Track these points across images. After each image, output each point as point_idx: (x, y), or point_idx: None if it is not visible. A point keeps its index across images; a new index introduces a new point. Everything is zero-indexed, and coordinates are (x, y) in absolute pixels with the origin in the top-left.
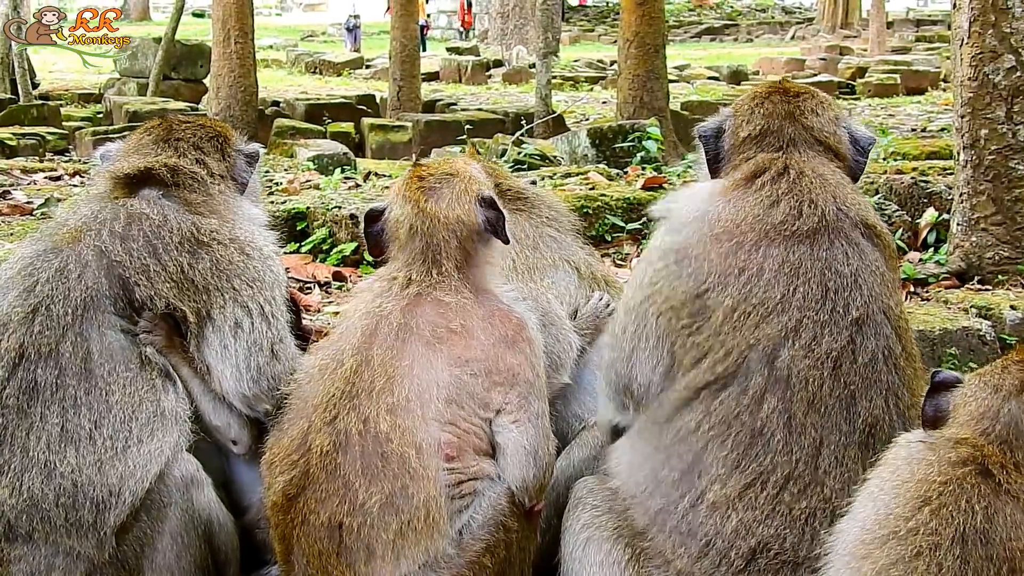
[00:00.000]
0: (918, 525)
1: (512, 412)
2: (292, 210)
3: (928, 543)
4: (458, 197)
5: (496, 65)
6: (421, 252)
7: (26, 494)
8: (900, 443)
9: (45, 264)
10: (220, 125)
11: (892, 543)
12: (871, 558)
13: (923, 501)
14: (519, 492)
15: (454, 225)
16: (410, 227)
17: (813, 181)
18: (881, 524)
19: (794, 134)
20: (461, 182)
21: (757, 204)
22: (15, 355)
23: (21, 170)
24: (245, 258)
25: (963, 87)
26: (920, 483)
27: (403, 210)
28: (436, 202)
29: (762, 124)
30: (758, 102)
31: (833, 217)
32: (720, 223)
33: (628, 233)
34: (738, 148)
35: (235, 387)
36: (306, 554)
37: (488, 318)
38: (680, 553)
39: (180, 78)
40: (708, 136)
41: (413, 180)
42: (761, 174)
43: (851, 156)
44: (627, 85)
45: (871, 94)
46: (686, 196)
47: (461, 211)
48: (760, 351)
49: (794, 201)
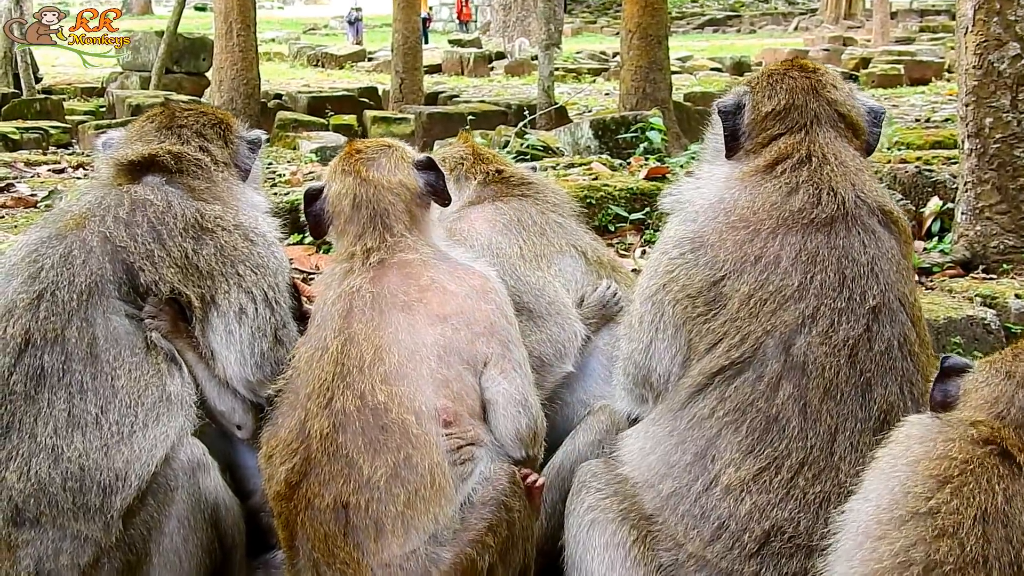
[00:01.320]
0: (939, 504)
1: (498, 362)
2: (295, 201)
3: (950, 523)
4: (396, 163)
5: (498, 57)
6: (370, 220)
7: (34, 478)
8: (911, 422)
9: (50, 250)
10: (222, 113)
11: (911, 523)
12: (888, 539)
13: (943, 480)
14: (514, 446)
15: (397, 188)
16: (354, 197)
17: (835, 169)
18: (898, 504)
19: (818, 109)
20: (396, 151)
21: (775, 191)
22: (21, 341)
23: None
24: (249, 244)
25: (968, 75)
26: (939, 461)
27: (344, 183)
28: (376, 170)
29: (786, 99)
30: (778, 77)
31: (852, 204)
32: (736, 211)
33: (631, 223)
34: (760, 124)
35: (239, 372)
36: (311, 539)
37: (452, 272)
38: (692, 536)
39: (183, 71)
40: (727, 112)
41: (350, 153)
42: (783, 160)
43: (868, 128)
44: (630, 76)
45: (875, 85)
46: (699, 184)
47: (402, 175)
48: (776, 338)
49: (813, 189)
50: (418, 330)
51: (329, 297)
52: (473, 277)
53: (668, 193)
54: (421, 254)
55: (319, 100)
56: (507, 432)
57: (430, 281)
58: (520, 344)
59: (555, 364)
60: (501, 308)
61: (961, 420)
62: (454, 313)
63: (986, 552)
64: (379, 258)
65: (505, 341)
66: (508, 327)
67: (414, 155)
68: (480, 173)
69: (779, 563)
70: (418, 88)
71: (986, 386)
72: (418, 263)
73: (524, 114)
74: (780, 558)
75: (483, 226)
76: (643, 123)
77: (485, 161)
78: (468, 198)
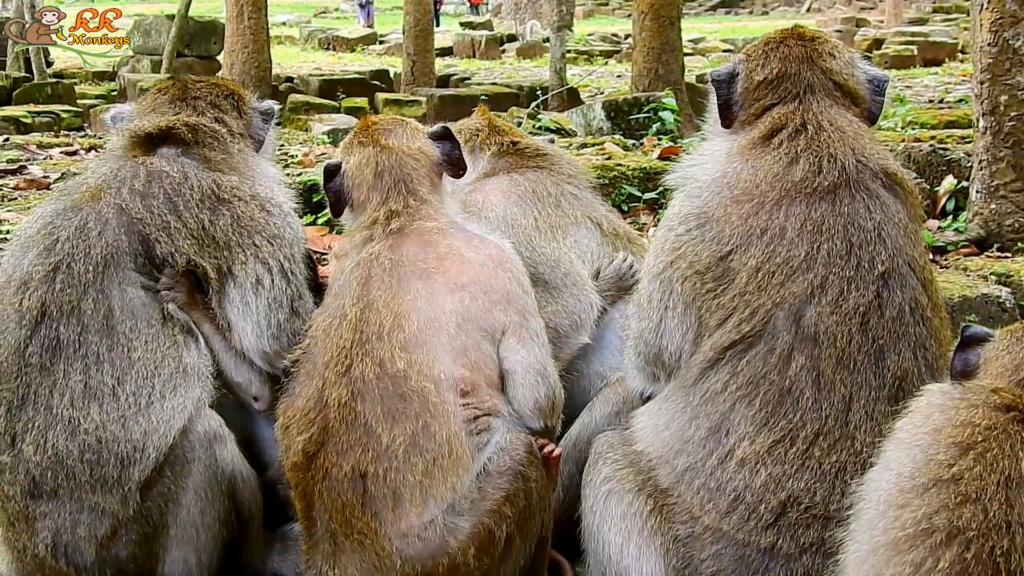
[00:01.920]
0: (961, 471)
1: (516, 331)
2: (308, 182)
3: (973, 488)
4: (413, 133)
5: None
6: (394, 185)
7: (51, 451)
8: (931, 391)
9: (65, 222)
10: (234, 84)
11: (934, 491)
12: (911, 507)
13: (966, 447)
14: (532, 416)
15: (418, 155)
16: (376, 165)
17: (832, 135)
18: (920, 471)
19: (812, 79)
20: (409, 123)
21: (775, 163)
22: (37, 313)
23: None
24: (266, 215)
25: (982, 53)
26: (961, 428)
27: (364, 152)
28: (395, 138)
29: (778, 68)
30: (773, 46)
31: (854, 170)
32: (739, 185)
33: (644, 203)
34: (752, 93)
35: (256, 344)
36: (328, 509)
37: (469, 241)
38: (708, 509)
39: (193, 55)
40: (721, 81)
41: (366, 126)
42: (779, 131)
43: (868, 97)
44: (642, 58)
45: (888, 66)
46: (701, 160)
47: (421, 143)
48: (786, 309)
49: (813, 157)
50: (437, 298)
51: (347, 265)
52: (489, 247)
53: (672, 170)
54: (439, 223)
55: (331, 83)
56: (525, 402)
57: (448, 249)
58: (537, 314)
59: (571, 335)
60: (518, 278)
61: (983, 388)
62: (472, 281)
63: (1009, 517)
64: (400, 224)
65: (522, 310)
66: (525, 296)
67: (426, 128)
68: (495, 144)
69: (796, 533)
70: (429, 71)
71: (1007, 354)
72: (436, 231)
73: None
74: (797, 528)
75: (498, 198)
76: (656, 104)
77: (500, 133)
78: (483, 170)
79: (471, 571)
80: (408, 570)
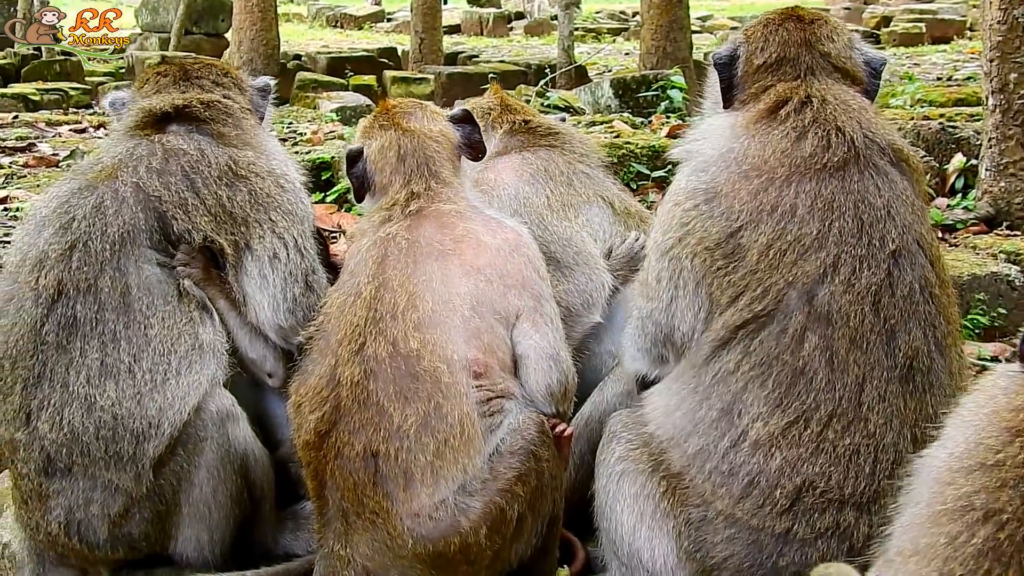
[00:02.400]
0: (1005, 458)
1: (530, 315)
2: (317, 160)
3: (1013, 475)
4: (432, 116)
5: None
6: (416, 167)
7: (66, 428)
8: (999, 372)
9: (81, 201)
10: (226, 64)
11: (977, 473)
12: (955, 484)
13: (1016, 433)
14: (544, 401)
15: (439, 137)
16: (398, 148)
17: (837, 108)
18: (970, 453)
19: (811, 62)
20: (428, 106)
21: (784, 137)
22: (53, 291)
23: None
24: (280, 191)
25: (992, 31)
26: (1015, 413)
27: (386, 136)
28: (416, 121)
29: (778, 52)
30: (772, 29)
31: (862, 145)
32: (748, 160)
33: (653, 181)
34: (752, 76)
35: (272, 317)
36: (340, 488)
37: (486, 225)
38: (721, 494)
39: (201, 32)
40: (723, 63)
41: (385, 110)
42: (783, 104)
43: (866, 79)
44: (650, 35)
45: (896, 43)
46: (706, 135)
47: (442, 126)
48: (799, 288)
49: (821, 131)
50: (452, 279)
51: (364, 244)
52: (507, 231)
53: (676, 144)
54: (458, 205)
55: (338, 61)
56: (538, 387)
57: (465, 232)
58: (552, 300)
59: (583, 314)
60: (534, 263)
61: None
62: (487, 265)
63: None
64: (419, 206)
65: (538, 295)
66: (540, 282)
67: (444, 111)
68: (507, 123)
69: (811, 518)
70: (437, 48)
71: None
72: (454, 214)
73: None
74: (812, 513)
75: (510, 176)
76: (664, 82)
77: (513, 112)
78: (495, 148)
79: (482, 550)
80: (420, 549)
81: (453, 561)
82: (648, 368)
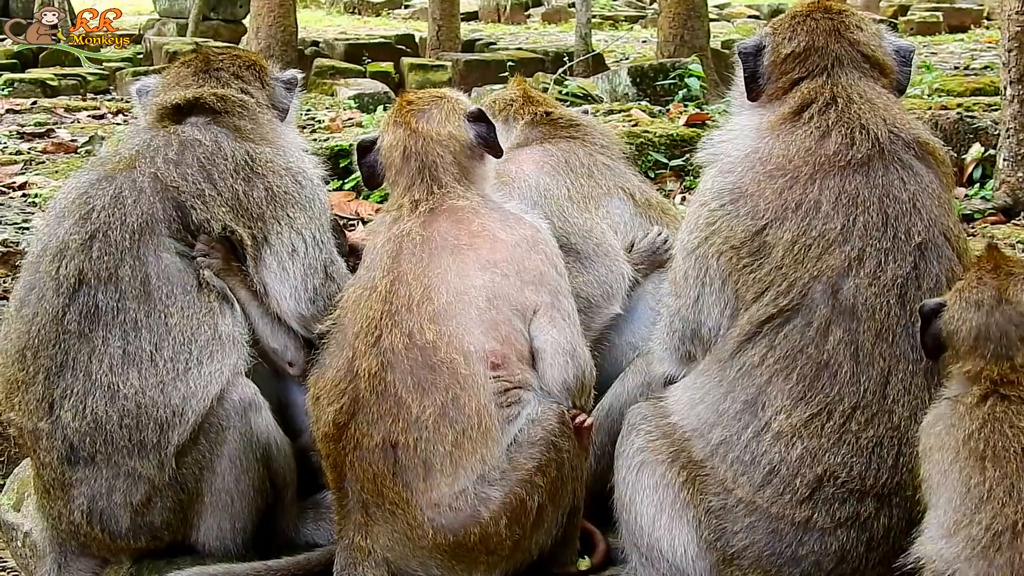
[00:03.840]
0: (992, 485)
1: (547, 311)
2: (335, 147)
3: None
4: (447, 115)
5: (535, 4)
6: (418, 172)
7: (90, 416)
8: (933, 411)
9: (100, 192)
10: (255, 55)
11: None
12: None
13: (980, 458)
14: (561, 396)
15: (446, 140)
16: (404, 149)
17: (862, 107)
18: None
19: (839, 51)
20: (448, 102)
21: (807, 137)
22: (75, 281)
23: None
24: (298, 187)
25: (1010, 21)
26: (969, 441)
27: (395, 134)
28: (427, 121)
29: (806, 41)
30: (800, 19)
31: (887, 140)
32: (772, 160)
33: (671, 169)
34: (779, 66)
35: (294, 307)
36: (359, 479)
37: (503, 220)
38: (742, 482)
39: (219, 18)
40: (748, 54)
41: (403, 105)
42: (808, 106)
43: (896, 68)
44: (667, 24)
45: (913, 32)
46: (731, 135)
47: (452, 127)
48: (824, 282)
49: (845, 130)
50: (467, 273)
51: (379, 241)
52: (524, 227)
53: (702, 146)
54: (472, 202)
55: (356, 47)
56: (555, 382)
57: (480, 228)
58: (570, 296)
59: (603, 305)
60: (551, 260)
61: (962, 383)
62: (504, 260)
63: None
64: (428, 207)
65: (555, 291)
66: (558, 278)
67: (467, 106)
68: (528, 115)
69: (831, 508)
70: (455, 35)
71: (963, 324)
72: (469, 210)
73: (562, 62)
74: (832, 503)
75: (531, 168)
76: (681, 70)
77: (534, 103)
78: (516, 140)
79: (503, 540)
80: (440, 540)
81: (473, 551)
82: (676, 368)
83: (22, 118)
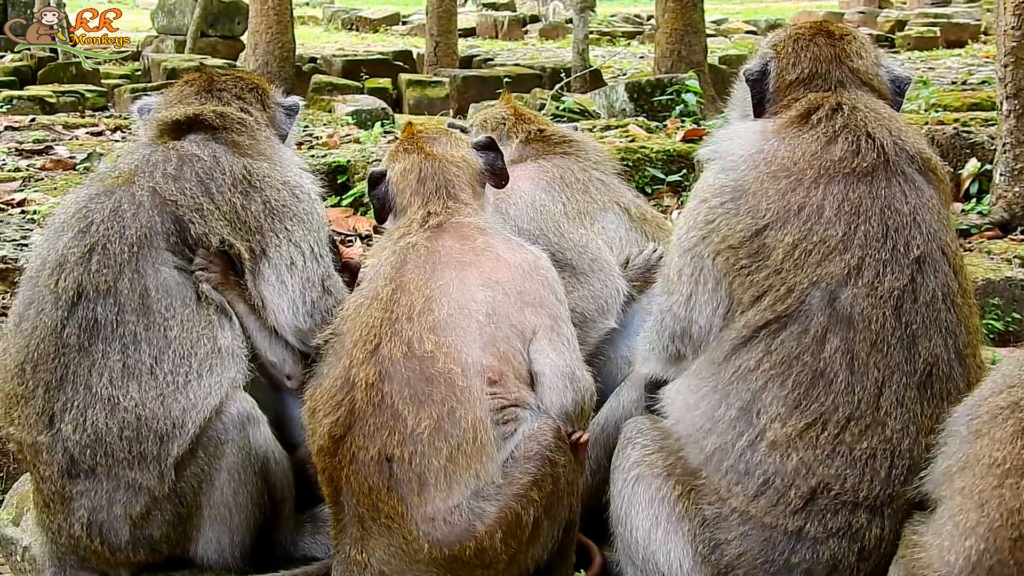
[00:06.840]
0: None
1: (547, 333)
2: (333, 163)
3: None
4: (456, 142)
5: (532, 20)
6: (436, 190)
7: (90, 429)
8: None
9: (99, 206)
10: (258, 78)
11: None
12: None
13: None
14: (560, 418)
15: (460, 163)
16: (419, 171)
17: (868, 116)
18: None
19: (841, 76)
20: (454, 133)
21: (814, 141)
22: (73, 294)
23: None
24: (296, 200)
25: (1006, 36)
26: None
27: (409, 159)
28: (439, 146)
29: (810, 68)
30: (803, 44)
31: (892, 152)
32: (777, 160)
33: (668, 185)
34: (784, 90)
35: (291, 321)
36: (355, 493)
37: (507, 243)
38: (736, 491)
39: (217, 35)
40: (754, 78)
41: (411, 134)
42: (815, 111)
43: (891, 96)
44: (664, 39)
45: (910, 47)
46: (737, 135)
47: (464, 152)
48: (822, 289)
49: (851, 136)
50: (469, 287)
51: (384, 255)
52: (526, 253)
53: (704, 143)
54: (478, 221)
55: (354, 63)
56: (553, 405)
57: (485, 246)
58: (569, 323)
59: (598, 320)
60: (551, 285)
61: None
62: (506, 279)
63: None
64: (438, 221)
65: (555, 316)
66: (558, 304)
67: (469, 139)
68: (522, 132)
69: (824, 519)
70: (452, 51)
71: None
72: (474, 228)
73: (559, 77)
74: (825, 514)
75: (526, 184)
76: (679, 86)
77: (527, 121)
78: (510, 157)
79: (498, 555)
80: (436, 554)
81: (469, 565)
82: (662, 368)
83: (20, 135)
